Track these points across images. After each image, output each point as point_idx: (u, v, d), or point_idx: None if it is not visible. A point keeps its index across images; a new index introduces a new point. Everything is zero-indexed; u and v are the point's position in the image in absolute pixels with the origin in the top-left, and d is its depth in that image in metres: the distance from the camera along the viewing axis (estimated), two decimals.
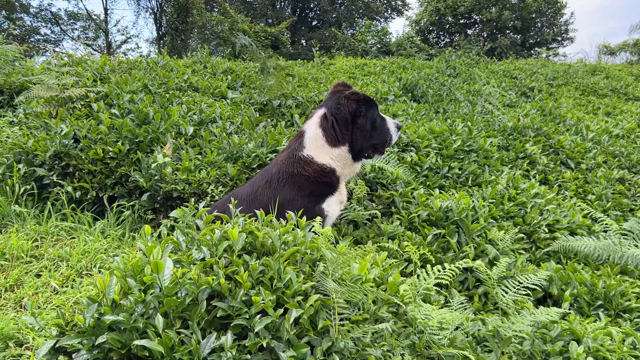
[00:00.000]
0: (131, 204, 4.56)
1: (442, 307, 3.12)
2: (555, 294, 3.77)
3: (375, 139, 3.76)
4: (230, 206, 2.89)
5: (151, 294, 2.13)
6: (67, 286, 3.57)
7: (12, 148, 4.79)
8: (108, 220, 4.46)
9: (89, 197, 4.60)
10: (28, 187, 4.60)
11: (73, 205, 4.56)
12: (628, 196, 5.68)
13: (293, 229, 2.65)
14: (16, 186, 4.56)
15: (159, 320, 1.94)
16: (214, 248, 2.44)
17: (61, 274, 3.70)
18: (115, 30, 37.13)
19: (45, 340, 2.91)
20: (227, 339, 1.92)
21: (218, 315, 2.10)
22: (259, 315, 2.07)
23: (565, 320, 3.13)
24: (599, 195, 5.52)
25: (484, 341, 2.85)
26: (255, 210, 2.98)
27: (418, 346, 2.55)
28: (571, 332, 2.94)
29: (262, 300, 2.11)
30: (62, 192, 4.54)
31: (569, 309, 3.56)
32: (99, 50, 35.44)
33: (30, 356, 2.79)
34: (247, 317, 2.07)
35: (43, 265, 3.78)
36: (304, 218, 2.86)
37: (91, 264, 3.86)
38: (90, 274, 3.75)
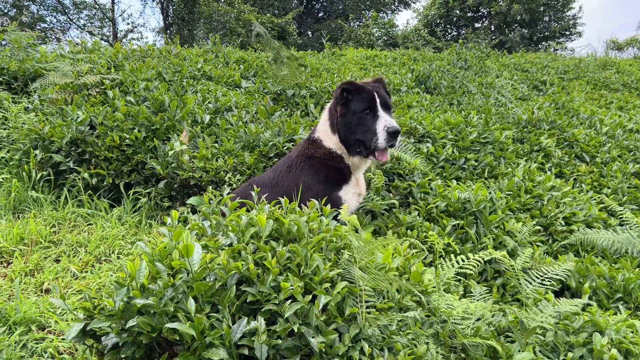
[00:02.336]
0: (147, 191, 4.56)
1: (461, 298, 3.12)
2: (574, 287, 3.76)
3: (360, 134, 3.50)
4: (253, 193, 2.88)
5: (179, 278, 2.13)
6: (86, 272, 3.59)
7: (28, 134, 4.79)
8: (124, 207, 4.46)
9: (105, 184, 4.60)
10: (44, 173, 4.61)
11: (90, 191, 4.56)
12: None
13: (319, 217, 2.64)
14: (33, 172, 4.57)
15: (191, 304, 1.94)
16: (240, 234, 2.43)
17: (80, 259, 3.71)
18: (121, 19, 37.07)
19: (68, 323, 2.94)
20: (261, 323, 1.92)
21: (247, 301, 2.10)
22: (289, 301, 2.07)
23: (587, 312, 3.12)
24: (615, 189, 5.49)
25: (505, 332, 2.85)
26: (279, 197, 2.98)
27: (442, 335, 2.55)
28: (593, 323, 2.93)
29: (291, 286, 2.10)
30: (79, 179, 4.54)
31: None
32: (106, 39, 35.41)
33: (53, 340, 2.81)
34: (277, 302, 2.07)
35: (62, 251, 3.80)
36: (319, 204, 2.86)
37: (109, 250, 3.87)
38: (109, 260, 3.76)
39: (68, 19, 34.68)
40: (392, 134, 3.40)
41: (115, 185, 4.64)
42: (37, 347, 2.76)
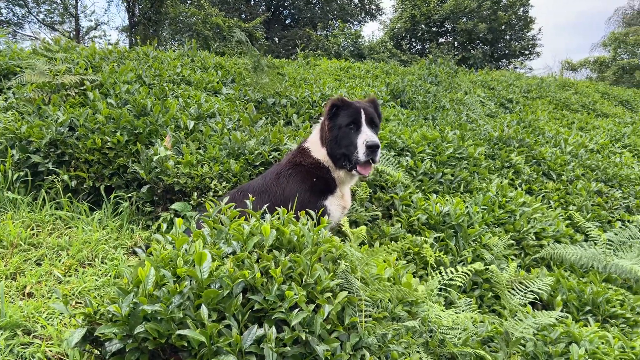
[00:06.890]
0: (129, 195, 4.52)
1: (445, 308, 3.24)
2: (545, 299, 3.95)
3: (344, 148, 3.59)
4: (248, 202, 2.92)
5: (185, 285, 2.16)
6: (69, 275, 3.53)
7: (4, 133, 4.67)
8: (105, 211, 4.40)
9: (84, 186, 4.53)
10: (21, 173, 4.49)
11: (69, 194, 4.48)
12: (605, 208, 5.96)
13: (320, 228, 2.70)
14: (9, 172, 4.45)
15: (204, 312, 1.97)
16: (242, 243, 2.47)
17: (62, 263, 3.65)
18: (83, 15, 36.00)
19: (55, 328, 2.90)
20: (272, 331, 1.97)
21: (253, 308, 2.15)
22: (296, 310, 2.12)
23: (563, 323, 3.29)
24: (580, 206, 5.77)
25: (488, 341, 2.98)
26: (267, 204, 3.03)
27: (431, 344, 2.65)
28: (569, 334, 3.10)
29: (295, 295, 2.16)
30: (57, 181, 4.46)
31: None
32: (68, 36, 34.37)
33: (40, 345, 2.76)
34: (282, 310, 2.12)
35: (42, 254, 3.72)
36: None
37: (92, 254, 3.82)
38: (92, 264, 3.71)
39: (27, 12, 33.53)
40: (371, 148, 3.46)
41: (95, 188, 4.57)
42: (24, 352, 2.71)
